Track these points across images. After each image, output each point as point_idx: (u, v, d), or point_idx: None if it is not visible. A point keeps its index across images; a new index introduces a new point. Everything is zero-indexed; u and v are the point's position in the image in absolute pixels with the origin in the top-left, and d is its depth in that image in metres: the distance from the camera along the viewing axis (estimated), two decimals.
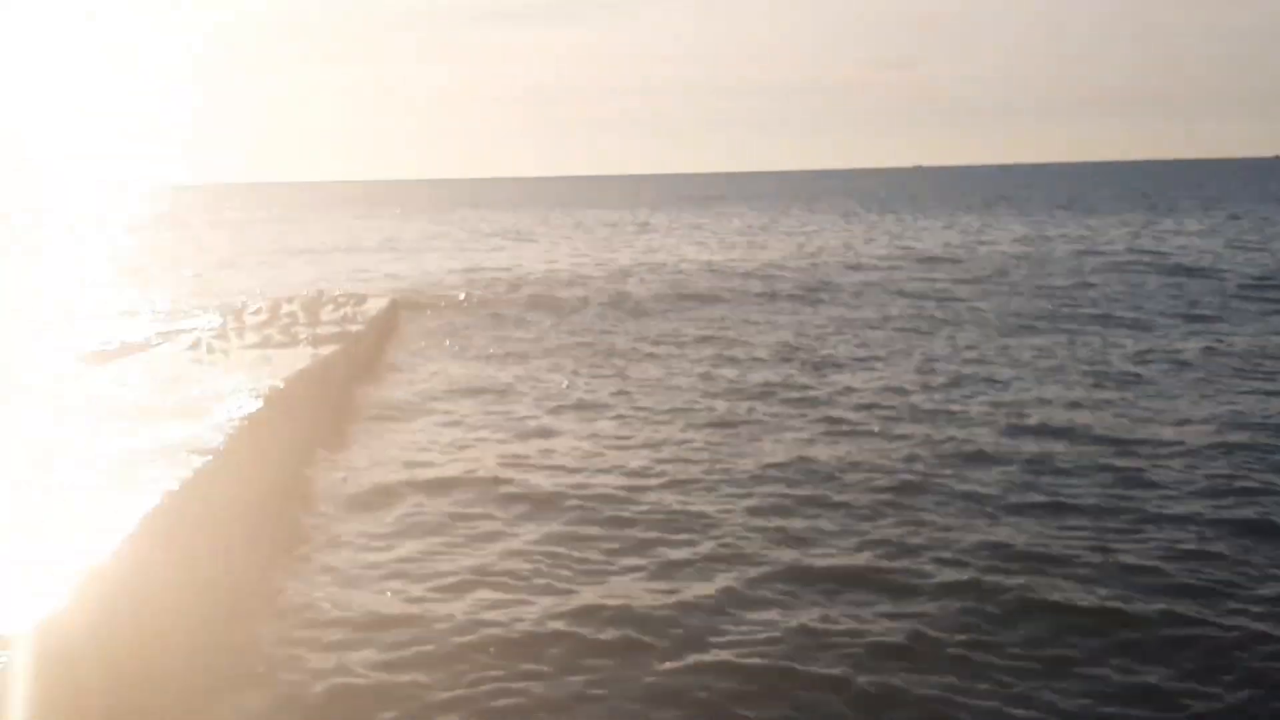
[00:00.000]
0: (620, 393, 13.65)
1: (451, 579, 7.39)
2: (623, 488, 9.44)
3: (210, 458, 7.43)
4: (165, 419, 8.70)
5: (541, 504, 9.03)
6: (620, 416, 12.29)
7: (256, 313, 17.63)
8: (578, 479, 9.75)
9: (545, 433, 11.59)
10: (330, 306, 18.54)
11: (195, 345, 13.66)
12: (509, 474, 9.88)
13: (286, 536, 8.44)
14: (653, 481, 9.63)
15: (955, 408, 12.24)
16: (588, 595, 7.08)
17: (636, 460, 10.33)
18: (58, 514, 6.11)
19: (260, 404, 9.38)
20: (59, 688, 4.46)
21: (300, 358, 12.47)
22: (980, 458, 10.13)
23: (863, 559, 7.66)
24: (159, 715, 5.52)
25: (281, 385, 10.45)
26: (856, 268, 30.63)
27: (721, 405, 12.79)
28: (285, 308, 18.01)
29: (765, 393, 13.44)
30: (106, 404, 9.52)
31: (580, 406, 12.92)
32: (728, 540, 8.08)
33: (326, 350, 13.39)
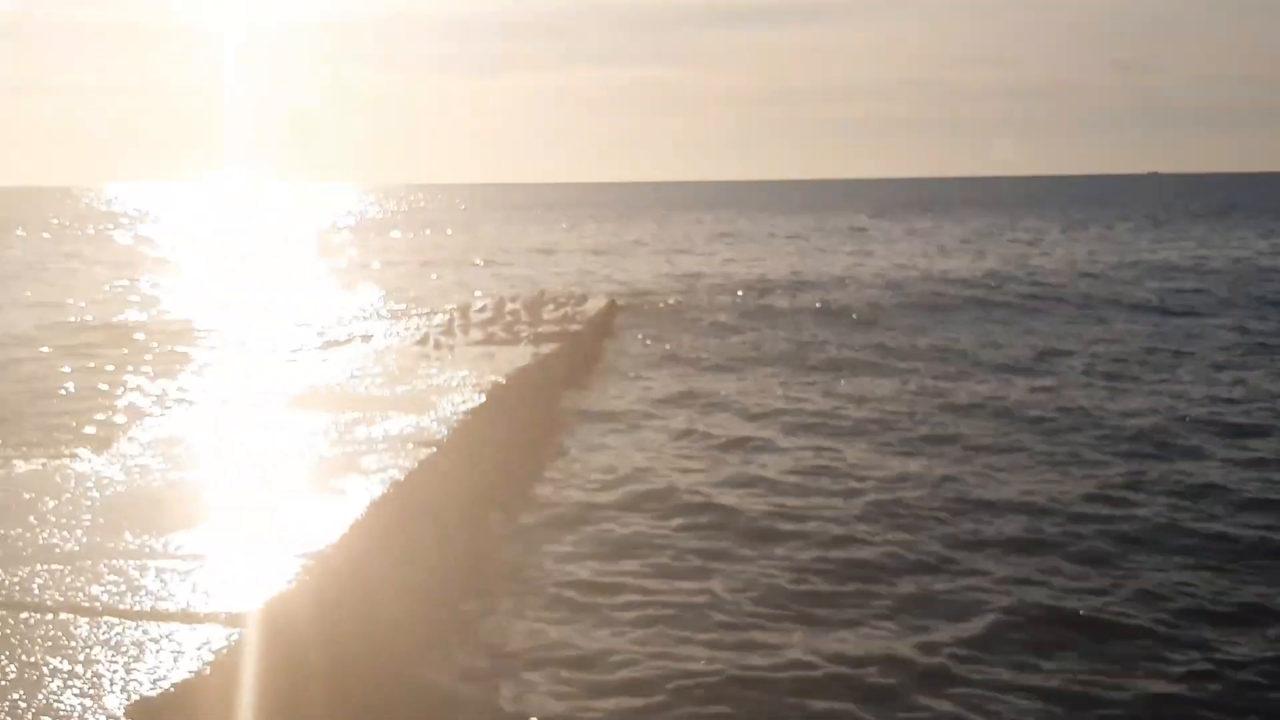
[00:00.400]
0: (837, 407, 13.29)
1: (656, 609, 7.08)
2: (841, 513, 8.94)
3: (434, 450, 7.65)
4: (393, 410, 9.01)
5: (754, 531, 8.56)
6: (838, 434, 11.88)
7: (481, 310, 18.13)
8: (792, 503, 9.24)
9: (757, 448, 11.17)
10: (551, 305, 18.91)
11: (423, 340, 14.14)
12: (720, 495, 9.49)
13: (500, 536, 8.57)
14: (874, 509, 9.05)
15: (1193, 441, 11.33)
16: (805, 636, 6.63)
17: (855, 484, 9.83)
18: (289, 499, 6.38)
19: (483, 399, 9.61)
20: (285, 664, 4.65)
21: (521, 355, 12.75)
22: (1220, 496, 9.31)
23: (1111, 608, 7.01)
24: (375, 698, 5.71)
25: (503, 381, 10.69)
26: (1086, 276, 29.50)
27: (947, 424, 12.22)
28: (509, 305, 18.47)
29: (994, 413, 12.81)
30: (339, 395, 9.93)
31: (795, 421, 12.42)
32: (961, 579, 7.52)
33: (547, 349, 13.66)
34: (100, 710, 3.74)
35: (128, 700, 3.82)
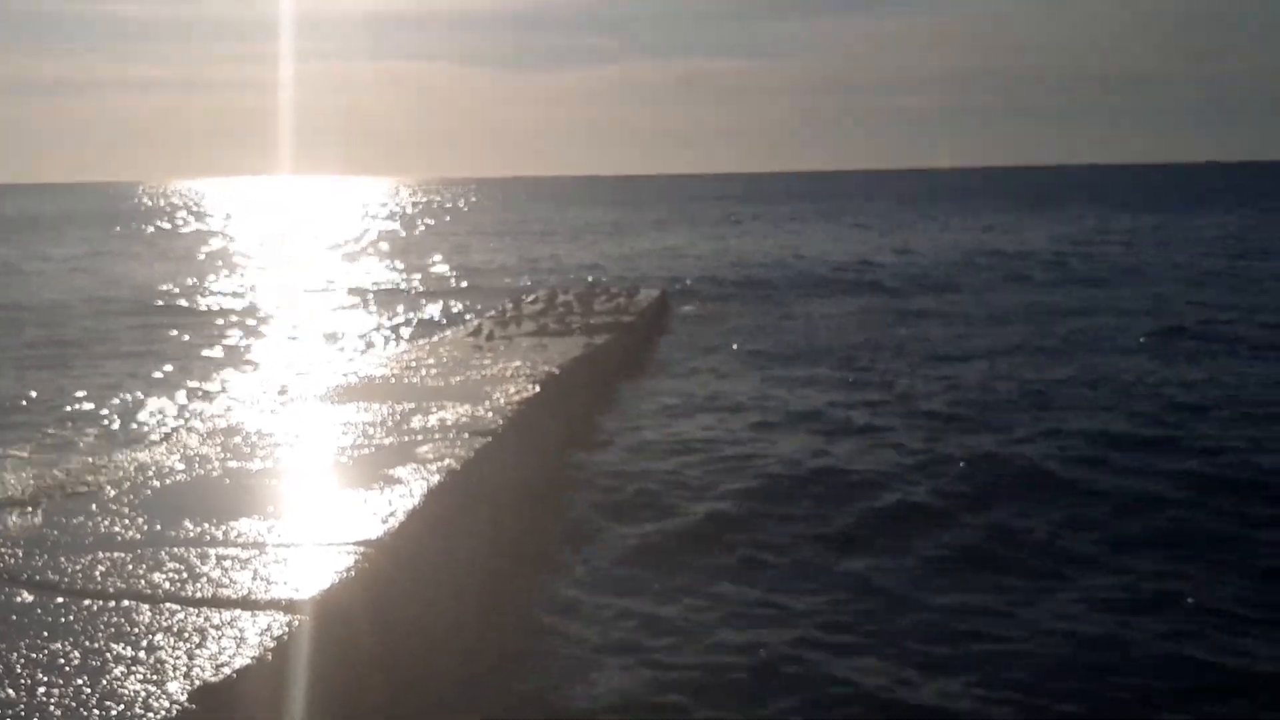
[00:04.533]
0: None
1: (700, 603, 6.94)
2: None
3: (489, 439, 7.67)
4: (448, 400, 9.04)
5: (802, 561, 7.70)
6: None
7: (534, 302, 18.17)
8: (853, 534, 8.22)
9: (810, 461, 10.07)
10: (603, 297, 18.92)
11: (477, 332, 14.20)
12: (772, 483, 9.27)
13: (550, 526, 8.53)
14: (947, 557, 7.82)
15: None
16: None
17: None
18: (346, 488, 6.42)
19: (537, 389, 9.63)
20: (341, 651, 4.67)
21: (574, 346, 12.76)
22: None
23: None
24: (428, 684, 5.73)
25: (557, 371, 10.71)
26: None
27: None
28: (561, 297, 18.50)
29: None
30: (395, 386, 9.98)
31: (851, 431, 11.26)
32: None
33: (599, 340, 13.67)
34: (163, 695, 3.77)
35: (190, 686, 3.84)
